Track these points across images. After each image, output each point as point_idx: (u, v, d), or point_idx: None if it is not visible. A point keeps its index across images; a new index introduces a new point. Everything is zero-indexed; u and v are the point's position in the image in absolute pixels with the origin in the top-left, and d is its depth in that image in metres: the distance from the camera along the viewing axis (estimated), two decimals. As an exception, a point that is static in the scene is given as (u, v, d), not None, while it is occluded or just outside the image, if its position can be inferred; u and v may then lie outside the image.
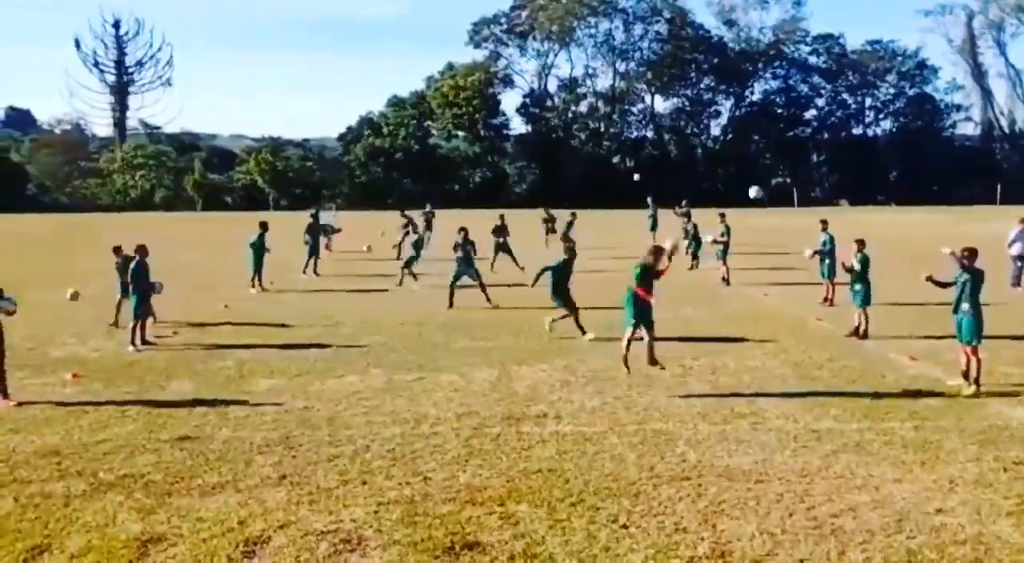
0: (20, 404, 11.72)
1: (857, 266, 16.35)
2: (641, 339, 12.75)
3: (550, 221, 36.59)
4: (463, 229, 20.82)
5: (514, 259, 27.05)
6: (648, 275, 12.91)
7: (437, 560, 6.99)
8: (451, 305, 19.76)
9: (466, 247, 20.44)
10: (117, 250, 18.19)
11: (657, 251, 13.13)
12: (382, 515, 7.88)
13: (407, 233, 29.02)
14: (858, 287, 16.28)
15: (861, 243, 16.59)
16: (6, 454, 9.77)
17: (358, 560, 7.01)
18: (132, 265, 16.11)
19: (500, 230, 28.49)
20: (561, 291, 16.67)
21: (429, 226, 36.82)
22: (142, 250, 16.31)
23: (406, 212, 34.13)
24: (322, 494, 8.43)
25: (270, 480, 8.83)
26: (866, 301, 16.22)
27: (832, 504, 8.09)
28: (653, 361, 12.72)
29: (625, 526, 7.62)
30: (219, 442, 10.07)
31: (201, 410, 11.42)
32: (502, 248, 27.91)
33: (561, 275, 16.79)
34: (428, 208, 38.87)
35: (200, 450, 9.78)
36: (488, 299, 20.14)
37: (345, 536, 7.44)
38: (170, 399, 12.08)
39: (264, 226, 23.79)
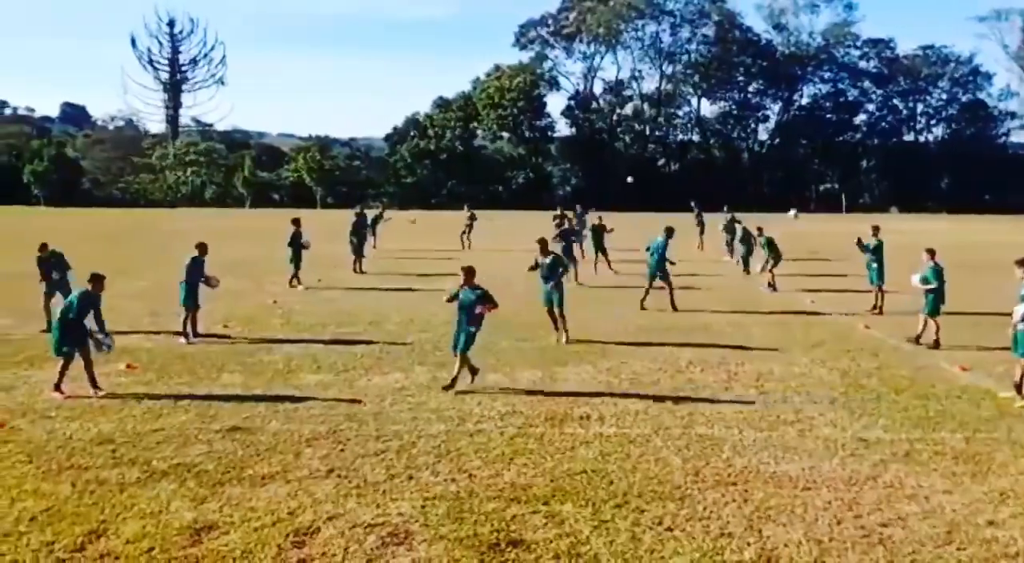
0: (68, 397, 12.00)
1: (929, 277, 16.08)
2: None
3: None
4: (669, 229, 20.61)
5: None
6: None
7: (483, 556, 7.06)
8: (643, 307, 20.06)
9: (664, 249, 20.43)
10: (43, 248, 17.74)
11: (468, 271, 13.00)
12: (428, 510, 7.98)
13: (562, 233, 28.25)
14: (930, 296, 16.06)
15: (932, 253, 16.37)
16: (63, 441, 10.04)
17: (405, 554, 7.11)
18: (188, 261, 16.35)
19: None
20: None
21: (583, 226, 36.56)
22: (202, 248, 16.60)
23: (564, 212, 34.03)
24: (369, 488, 8.55)
25: (319, 472, 8.98)
26: (934, 311, 15.99)
27: (881, 513, 8.01)
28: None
29: (670, 529, 7.62)
30: (269, 434, 10.26)
31: (251, 402, 11.64)
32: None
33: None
34: (579, 210, 38.17)
35: (250, 441, 9.98)
36: (673, 304, 20.06)
37: (392, 530, 7.55)
38: (221, 391, 12.33)
39: (296, 222, 23.96)
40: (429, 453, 9.63)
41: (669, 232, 20.46)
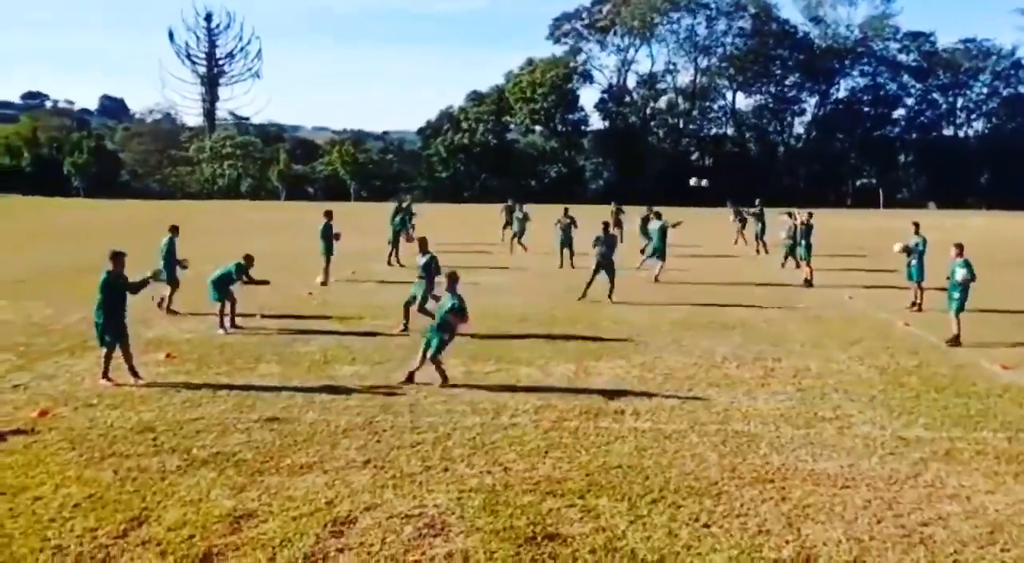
0: (117, 385, 12.21)
1: (968, 273, 15.80)
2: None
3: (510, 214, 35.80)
4: (605, 223, 21.89)
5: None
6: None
7: (519, 549, 7.07)
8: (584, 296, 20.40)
9: (609, 240, 21.14)
10: (174, 230, 18.74)
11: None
12: (464, 502, 8.01)
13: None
14: (956, 293, 15.79)
15: (960, 248, 16.09)
16: (105, 429, 10.20)
17: (442, 545, 7.14)
18: (234, 269, 16.43)
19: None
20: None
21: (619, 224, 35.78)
22: (248, 259, 16.71)
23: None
24: (406, 479, 8.60)
25: (355, 463, 9.04)
26: (960, 308, 15.74)
27: (922, 513, 7.91)
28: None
29: (707, 525, 7.57)
30: (306, 424, 10.35)
31: (288, 393, 11.75)
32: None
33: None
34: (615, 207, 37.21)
35: (288, 431, 10.07)
36: (611, 295, 20.35)
37: (429, 521, 7.59)
38: (259, 382, 12.45)
39: (328, 215, 24.05)
40: (464, 445, 9.66)
41: (605, 226, 21.70)
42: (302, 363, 13.69)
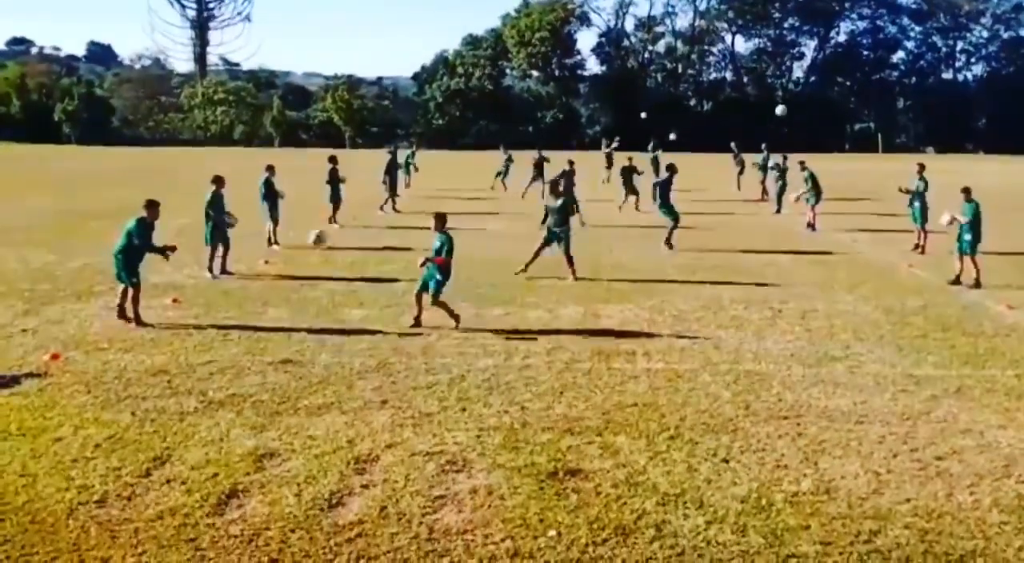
0: (147, 325, 12.34)
1: (967, 216, 15.89)
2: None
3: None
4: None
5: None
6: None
7: (542, 484, 7.13)
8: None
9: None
10: (271, 169, 20.29)
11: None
12: (484, 440, 8.07)
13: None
14: (967, 236, 15.83)
15: (968, 191, 16.11)
16: (118, 372, 10.21)
17: (465, 480, 7.20)
18: (208, 196, 16.32)
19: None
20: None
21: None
22: (219, 181, 16.54)
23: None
24: (424, 418, 8.65)
25: (373, 403, 9.09)
26: (974, 249, 15.79)
27: (936, 447, 8.00)
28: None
29: (726, 461, 7.65)
30: (320, 366, 10.38)
31: (299, 336, 11.76)
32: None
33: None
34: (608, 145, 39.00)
35: (302, 373, 10.10)
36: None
37: (450, 458, 7.65)
38: (268, 325, 12.44)
39: (333, 160, 23.95)
40: (480, 386, 9.71)
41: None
42: (310, 307, 13.69)
